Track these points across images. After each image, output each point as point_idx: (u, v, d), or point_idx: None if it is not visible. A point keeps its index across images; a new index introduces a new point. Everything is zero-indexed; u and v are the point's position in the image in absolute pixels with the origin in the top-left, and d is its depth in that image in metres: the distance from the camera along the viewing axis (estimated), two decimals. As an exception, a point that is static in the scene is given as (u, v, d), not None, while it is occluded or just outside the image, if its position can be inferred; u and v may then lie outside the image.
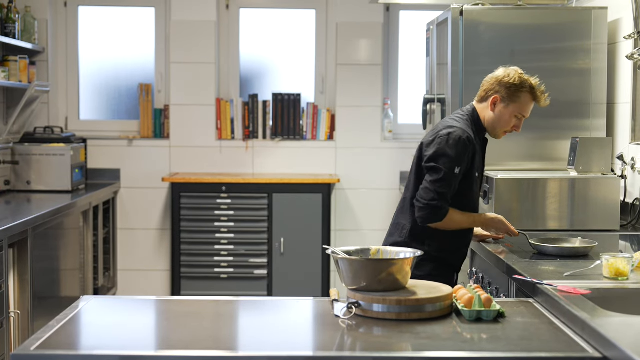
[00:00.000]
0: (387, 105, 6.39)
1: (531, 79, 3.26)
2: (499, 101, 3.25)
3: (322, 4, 6.44)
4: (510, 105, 3.24)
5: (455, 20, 4.27)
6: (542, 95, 3.26)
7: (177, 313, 2.49)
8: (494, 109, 3.26)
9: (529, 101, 3.25)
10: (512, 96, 3.23)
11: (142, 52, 6.46)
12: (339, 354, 2.11)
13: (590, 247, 3.18)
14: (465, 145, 3.18)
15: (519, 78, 3.23)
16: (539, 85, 3.26)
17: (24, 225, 4.22)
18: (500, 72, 3.29)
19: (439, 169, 3.17)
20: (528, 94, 3.23)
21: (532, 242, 3.24)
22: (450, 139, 3.18)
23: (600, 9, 4.29)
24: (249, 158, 6.38)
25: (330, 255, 2.55)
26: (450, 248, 3.32)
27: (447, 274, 3.32)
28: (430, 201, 3.16)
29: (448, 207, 3.19)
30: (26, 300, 4.30)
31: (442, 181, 3.16)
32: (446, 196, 3.17)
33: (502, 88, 3.24)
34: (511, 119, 3.26)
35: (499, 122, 3.27)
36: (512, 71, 3.26)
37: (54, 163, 5.63)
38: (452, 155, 3.17)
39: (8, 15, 5.53)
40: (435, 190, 3.16)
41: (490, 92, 3.27)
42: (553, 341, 2.18)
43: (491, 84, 3.28)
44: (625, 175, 4.09)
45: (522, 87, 3.22)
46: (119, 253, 6.36)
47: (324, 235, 5.99)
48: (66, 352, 2.07)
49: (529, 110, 3.27)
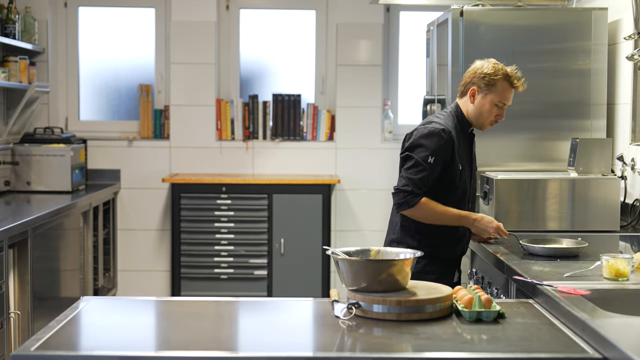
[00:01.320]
0: (387, 106, 6.39)
1: (506, 67, 3.32)
2: (477, 92, 3.31)
3: (322, 5, 6.44)
4: (489, 95, 3.30)
5: (456, 21, 4.27)
6: (519, 81, 3.31)
7: (177, 314, 2.49)
8: (473, 101, 3.33)
9: (506, 88, 3.30)
10: (488, 85, 3.29)
11: (142, 52, 6.46)
12: (339, 354, 2.11)
13: (581, 247, 3.18)
14: (440, 136, 3.24)
15: (493, 67, 3.30)
16: (514, 72, 3.31)
17: (24, 226, 4.22)
18: (475, 65, 3.36)
19: (412, 157, 3.25)
20: (504, 81, 3.29)
21: (522, 243, 3.25)
22: (427, 130, 3.27)
23: (600, 9, 4.29)
24: (249, 159, 6.38)
25: (331, 256, 2.55)
26: (441, 242, 3.34)
27: (443, 270, 3.34)
28: (402, 187, 3.24)
29: (421, 193, 3.23)
30: (26, 300, 4.30)
31: (414, 167, 3.23)
32: (417, 182, 3.21)
33: (478, 79, 3.30)
34: (492, 108, 3.31)
35: (481, 113, 3.33)
36: (486, 62, 3.34)
37: (54, 163, 5.63)
38: (426, 144, 3.24)
39: (8, 16, 5.53)
40: (407, 177, 3.23)
41: (468, 85, 3.35)
42: (553, 342, 2.18)
43: (468, 77, 3.36)
44: (625, 176, 4.09)
45: (497, 75, 3.28)
46: (119, 254, 6.36)
47: (324, 236, 5.99)
48: (66, 353, 2.07)
49: (509, 97, 3.32)
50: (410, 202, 3.23)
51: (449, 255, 3.39)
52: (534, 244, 3.23)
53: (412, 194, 3.22)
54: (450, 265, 3.41)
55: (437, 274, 3.27)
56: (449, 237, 3.36)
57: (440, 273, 3.30)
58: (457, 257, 3.44)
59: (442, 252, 3.35)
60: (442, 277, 3.26)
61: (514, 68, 3.32)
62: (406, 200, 3.23)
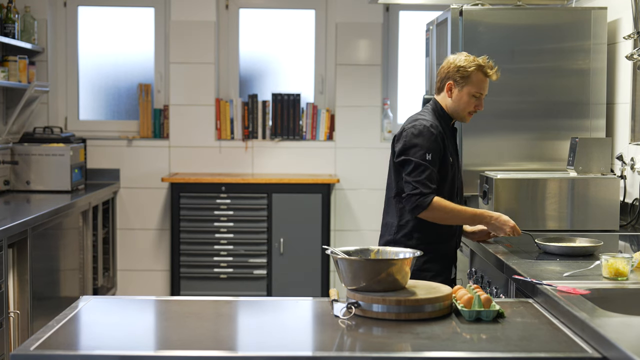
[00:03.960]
0: (387, 106, 6.39)
1: (478, 58, 3.36)
2: (453, 86, 3.36)
3: (321, 4, 6.44)
4: (465, 87, 3.34)
5: (455, 21, 4.27)
6: (492, 70, 3.35)
7: (176, 313, 2.49)
8: (451, 95, 3.37)
9: (481, 79, 3.34)
10: (463, 78, 3.33)
11: (141, 52, 6.46)
12: (339, 354, 2.11)
13: (596, 246, 3.21)
14: (430, 133, 3.28)
15: (465, 59, 3.34)
16: (487, 62, 3.36)
17: (23, 226, 4.22)
18: (448, 59, 3.40)
19: (410, 160, 3.27)
20: (478, 72, 3.33)
21: (538, 242, 3.26)
22: (416, 129, 3.30)
23: (599, 9, 4.29)
24: (249, 158, 6.38)
25: (330, 255, 2.55)
26: (439, 239, 3.37)
27: (441, 266, 3.37)
28: (411, 192, 3.25)
29: (432, 192, 3.24)
30: (26, 300, 4.30)
31: (415, 170, 3.25)
32: (424, 183, 3.23)
33: (453, 73, 3.35)
34: (470, 99, 3.35)
35: (459, 106, 3.37)
36: (458, 55, 3.38)
37: (54, 163, 5.63)
38: (420, 143, 3.27)
39: (7, 15, 5.52)
40: (412, 181, 3.25)
41: (444, 80, 3.38)
42: (552, 341, 2.18)
43: (443, 72, 3.39)
44: (624, 176, 4.09)
45: (470, 67, 3.32)
46: (118, 253, 6.36)
47: (324, 236, 5.99)
48: (66, 352, 2.07)
49: (484, 87, 3.36)
50: (423, 203, 3.23)
51: (446, 250, 3.42)
52: (547, 242, 3.25)
53: (423, 195, 3.23)
54: (447, 260, 3.43)
55: (435, 271, 3.31)
56: (444, 233, 3.38)
57: (438, 270, 3.34)
58: (453, 251, 3.47)
59: (440, 248, 3.38)
60: (440, 274, 3.29)
61: (485, 58, 3.37)
62: (419, 202, 3.24)
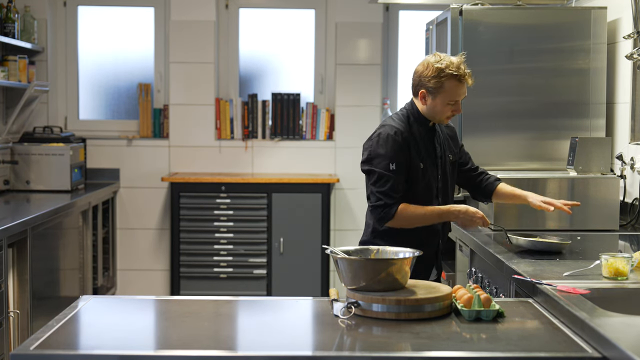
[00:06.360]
0: (387, 105, 6.39)
1: (450, 64, 3.19)
2: (426, 95, 3.26)
3: (321, 4, 6.43)
4: (438, 96, 3.23)
5: (455, 20, 4.27)
6: (465, 76, 3.20)
7: (176, 313, 2.49)
8: (425, 102, 3.28)
9: (454, 86, 3.21)
10: (436, 88, 3.22)
11: (141, 51, 6.46)
12: (338, 353, 2.11)
13: (564, 244, 3.24)
14: (394, 140, 3.21)
15: (436, 69, 3.20)
16: (460, 68, 3.20)
17: (23, 225, 4.22)
18: (420, 67, 3.28)
19: (373, 170, 3.23)
20: (451, 80, 3.20)
21: (510, 236, 3.29)
22: (380, 139, 3.24)
23: (599, 8, 4.29)
24: (249, 158, 6.38)
25: (330, 255, 2.55)
26: (416, 241, 3.19)
27: (421, 268, 3.21)
28: (375, 202, 3.22)
29: (395, 202, 3.20)
30: (25, 299, 4.30)
31: (379, 180, 3.21)
32: (388, 194, 3.19)
33: (425, 82, 3.24)
34: (444, 107, 3.24)
35: (434, 113, 3.28)
36: (427, 63, 3.24)
37: (53, 163, 5.63)
38: (383, 153, 3.22)
39: (7, 15, 5.52)
40: (376, 192, 3.22)
41: (417, 87, 3.29)
42: (552, 341, 2.18)
43: (414, 79, 3.30)
44: (624, 175, 4.09)
45: (442, 77, 3.19)
46: (118, 253, 6.36)
47: (323, 235, 5.99)
48: (65, 352, 2.07)
49: (460, 93, 3.23)
50: (388, 214, 3.21)
51: (425, 253, 3.26)
52: (519, 237, 3.29)
53: (387, 206, 3.20)
54: (426, 264, 3.31)
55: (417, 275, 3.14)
56: (417, 238, 3.27)
57: (416, 271, 3.15)
58: (433, 253, 3.37)
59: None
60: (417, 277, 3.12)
61: (461, 59, 3.22)
62: (384, 214, 3.21)
